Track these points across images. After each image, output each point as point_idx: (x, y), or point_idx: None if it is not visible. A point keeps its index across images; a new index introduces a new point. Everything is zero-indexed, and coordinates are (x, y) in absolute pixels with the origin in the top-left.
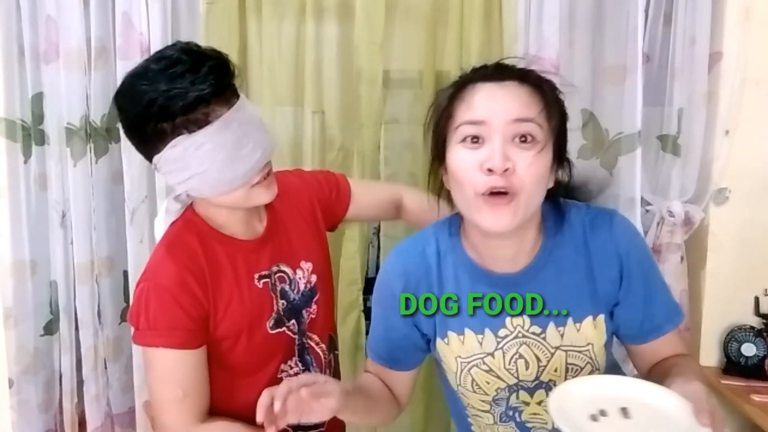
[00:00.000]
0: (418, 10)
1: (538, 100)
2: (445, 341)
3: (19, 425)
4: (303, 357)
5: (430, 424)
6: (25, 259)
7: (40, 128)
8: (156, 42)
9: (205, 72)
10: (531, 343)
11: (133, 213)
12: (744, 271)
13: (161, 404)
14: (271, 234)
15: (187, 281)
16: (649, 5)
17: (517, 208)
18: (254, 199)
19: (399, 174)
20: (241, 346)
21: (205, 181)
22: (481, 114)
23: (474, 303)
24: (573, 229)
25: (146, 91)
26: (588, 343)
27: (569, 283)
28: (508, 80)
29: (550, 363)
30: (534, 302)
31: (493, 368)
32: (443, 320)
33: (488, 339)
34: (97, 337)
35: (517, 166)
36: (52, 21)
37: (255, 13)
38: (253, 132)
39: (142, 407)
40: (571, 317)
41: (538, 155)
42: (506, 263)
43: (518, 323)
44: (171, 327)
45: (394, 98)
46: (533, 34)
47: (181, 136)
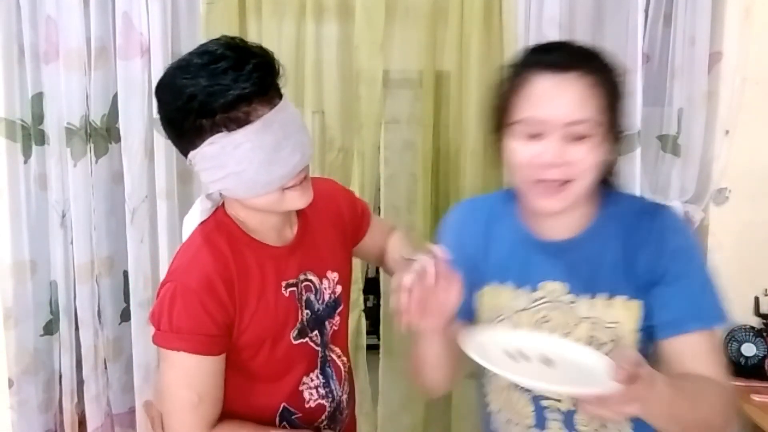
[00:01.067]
0: (418, 10)
1: (598, 94)
2: (482, 292)
3: (19, 425)
4: (324, 369)
5: (430, 424)
6: (25, 259)
7: (40, 128)
8: (156, 42)
9: (249, 70)
10: (561, 310)
11: (133, 213)
12: (744, 271)
13: (175, 408)
14: (300, 241)
15: (216, 285)
16: (649, 5)
17: (569, 193)
18: (288, 204)
19: (399, 174)
20: (262, 356)
21: (240, 181)
22: (538, 115)
23: (515, 261)
24: (622, 211)
25: (187, 85)
26: (616, 321)
27: (609, 260)
28: (570, 71)
29: (574, 332)
30: (573, 271)
31: (522, 324)
32: (484, 271)
33: (522, 297)
34: (97, 337)
35: (571, 162)
36: (52, 21)
37: (255, 13)
38: (292, 134)
39: (142, 407)
40: (605, 292)
41: (593, 148)
42: (554, 231)
43: (553, 288)
44: (194, 331)
45: (394, 98)
46: (533, 34)
47: (219, 134)
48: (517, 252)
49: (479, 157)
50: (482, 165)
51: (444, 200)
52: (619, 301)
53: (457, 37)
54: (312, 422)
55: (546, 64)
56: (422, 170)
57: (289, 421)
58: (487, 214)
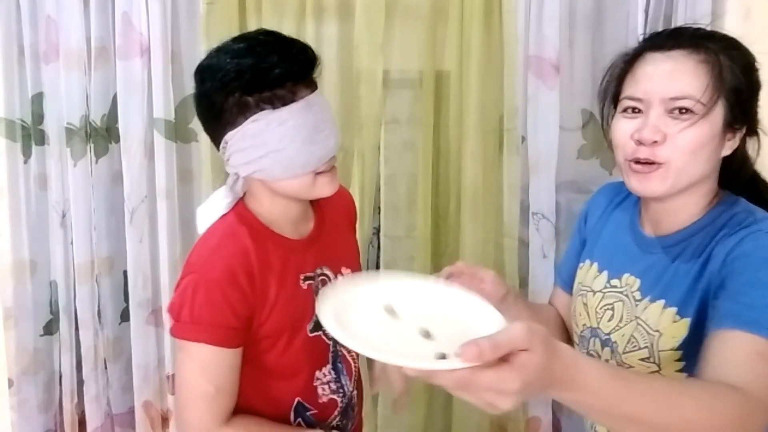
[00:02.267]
0: (418, 10)
1: (706, 72)
2: (581, 265)
3: (19, 425)
4: (335, 365)
5: (430, 424)
6: (25, 259)
7: (40, 128)
8: (156, 42)
9: (294, 52)
10: (625, 304)
11: (132, 213)
12: None
13: (190, 400)
14: (318, 235)
15: (238, 277)
16: (649, 5)
17: (666, 176)
18: (318, 189)
19: (399, 174)
20: (279, 347)
21: (279, 160)
22: (641, 91)
23: (612, 245)
24: (724, 222)
25: (234, 63)
26: (657, 330)
27: (682, 270)
28: (677, 49)
29: (624, 327)
30: (648, 270)
31: (588, 305)
32: (592, 247)
33: (601, 279)
34: (97, 337)
35: (668, 137)
36: (52, 21)
37: (255, 13)
38: (327, 120)
39: (141, 407)
40: (663, 300)
41: (693, 126)
42: (653, 225)
43: (630, 282)
44: (215, 323)
45: (394, 98)
46: (533, 34)
47: (264, 111)
48: (618, 237)
49: (479, 157)
50: (482, 165)
51: (444, 200)
52: (669, 313)
53: (457, 37)
54: (326, 418)
55: (655, 44)
56: (422, 170)
57: (303, 417)
58: (617, 197)
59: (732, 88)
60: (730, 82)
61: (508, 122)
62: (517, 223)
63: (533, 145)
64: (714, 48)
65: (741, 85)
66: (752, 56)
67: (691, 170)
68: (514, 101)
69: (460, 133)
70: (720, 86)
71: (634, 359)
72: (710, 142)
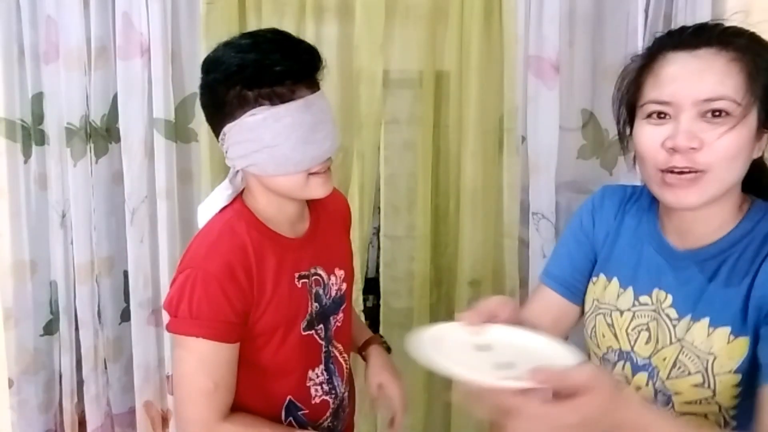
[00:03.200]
0: (418, 10)
1: (738, 70)
2: (594, 280)
3: (19, 425)
4: (328, 365)
5: (430, 424)
6: (25, 259)
7: (40, 128)
8: (156, 42)
9: (297, 52)
10: (661, 323)
11: (133, 213)
12: None
13: (190, 396)
14: (313, 235)
15: (236, 272)
16: (649, 5)
17: (705, 186)
18: (310, 190)
19: (399, 174)
20: (274, 344)
21: (273, 156)
22: (667, 94)
23: (632, 258)
24: (764, 233)
25: (238, 57)
26: (711, 353)
27: (725, 284)
28: (704, 47)
29: (664, 350)
30: (684, 286)
31: (615, 326)
32: (605, 260)
33: (626, 297)
34: (97, 337)
35: (705, 144)
36: (52, 21)
37: (255, 13)
38: (326, 121)
39: (142, 407)
40: (708, 318)
41: (732, 131)
42: (681, 237)
43: (661, 299)
44: (214, 318)
45: (394, 98)
46: (533, 34)
47: (262, 106)
48: (638, 249)
49: (479, 157)
50: (482, 165)
51: (444, 200)
52: (721, 333)
53: (457, 37)
54: (317, 419)
55: (678, 43)
56: (422, 170)
57: (295, 417)
58: (626, 203)
59: (765, 86)
60: (763, 80)
61: (508, 122)
62: (517, 223)
63: (533, 145)
64: (743, 45)
65: None
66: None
67: (729, 178)
68: (514, 101)
69: (460, 133)
70: (755, 85)
71: (684, 385)
72: (747, 145)
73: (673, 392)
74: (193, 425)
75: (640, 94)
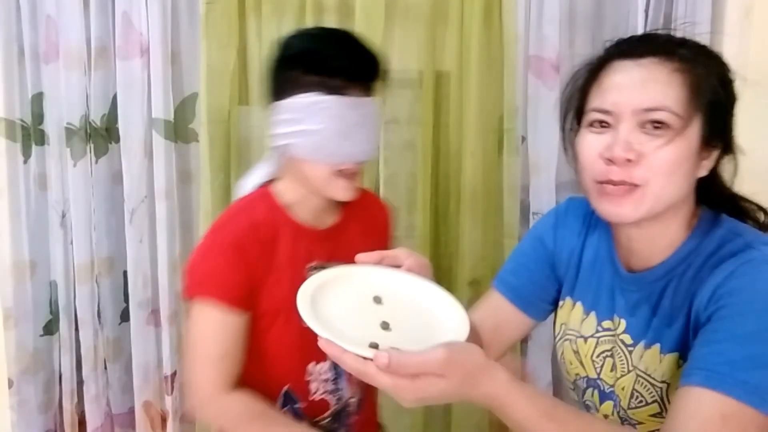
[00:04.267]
0: (418, 10)
1: (681, 81)
2: (561, 303)
3: (19, 425)
4: (337, 366)
5: (430, 424)
6: (24, 259)
7: (40, 128)
8: (156, 42)
9: (361, 53)
10: (619, 350)
11: (132, 213)
12: None
13: (198, 360)
14: (338, 232)
15: (246, 245)
16: (649, 5)
17: (641, 199)
18: (332, 188)
19: (399, 174)
20: (277, 328)
21: (311, 141)
22: (609, 102)
23: (593, 282)
24: (709, 249)
25: (304, 42)
26: (664, 381)
27: (671, 307)
28: (648, 57)
29: (622, 379)
30: (635, 310)
31: (581, 353)
32: (570, 283)
33: (590, 322)
34: (97, 337)
35: (642, 156)
36: (52, 21)
37: (255, 13)
38: (369, 129)
39: (141, 407)
40: (659, 344)
41: (671, 144)
42: (633, 257)
43: (617, 324)
44: (222, 284)
45: (394, 98)
46: (533, 34)
47: (314, 92)
48: (598, 272)
49: (479, 157)
50: (482, 165)
51: (444, 200)
52: (671, 359)
53: (457, 37)
54: (315, 416)
55: (623, 51)
56: (422, 170)
57: (292, 408)
58: (591, 218)
59: (710, 102)
60: (707, 94)
61: (508, 122)
62: (517, 223)
63: (533, 145)
64: (689, 56)
65: (719, 98)
66: (728, 67)
67: (668, 193)
68: (514, 101)
69: (460, 133)
70: (697, 98)
71: (643, 415)
72: (687, 161)
73: (636, 422)
74: (197, 390)
75: (586, 102)
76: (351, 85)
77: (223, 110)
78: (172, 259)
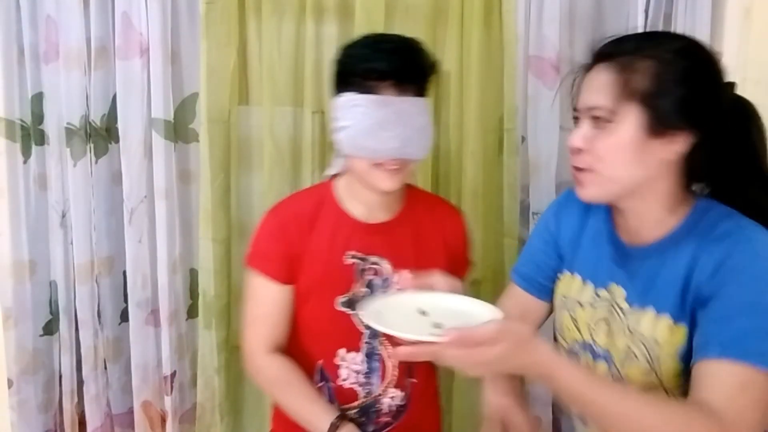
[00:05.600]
0: (418, 10)
1: (614, 81)
2: (560, 276)
3: (18, 425)
4: (371, 360)
5: None
6: (24, 259)
7: (40, 128)
8: (156, 42)
9: (396, 56)
10: (615, 315)
11: (131, 213)
12: None
13: (245, 322)
14: (387, 229)
15: (289, 223)
16: (649, 5)
17: (596, 181)
18: (372, 179)
19: None
20: (311, 306)
21: (346, 135)
22: (578, 103)
23: (593, 255)
24: (705, 228)
25: (357, 48)
26: (656, 341)
27: (668, 276)
28: (599, 63)
29: (618, 340)
30: (633, 279)
31: (578, 320)
32: (571, 259)
33: (587, 291)
34: (96, 337)
35: (592, 146)
36: (52, 21)
37: (255, 13)
38: (403, 127)
39: (140, 407)
40: (654, 306)
41: (610, 135)
42: (631, 234)
43: (615, 292)
44: (264, 255)
45: None
46: (533, 34)
47: (351, 92)
48: (597, 247)
49: (479, 157)
50: (482, 165)
51: None
52: (664, 321)
53: (457, 37)
54: (343, 402)
55: (593, 59)
56: (422, 170)
57: (326, 385)
58: (590, 207)
59: (650, 94)
60: (645, 88)
61: (508, 122)
62: (517, 223)
63: (533, 145)
64: (623, 57)
65: (663, 90)
66: (691, 62)
67: (621, 173)
68: (514, 101)
69: (460, 133)
70: (627, 92)
71: (634, 371)
72: (630, 146)
73: (626, 379)
74: (245, 347)
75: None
76: (384, 84)
77: (223, 110)
78: (172, 259)
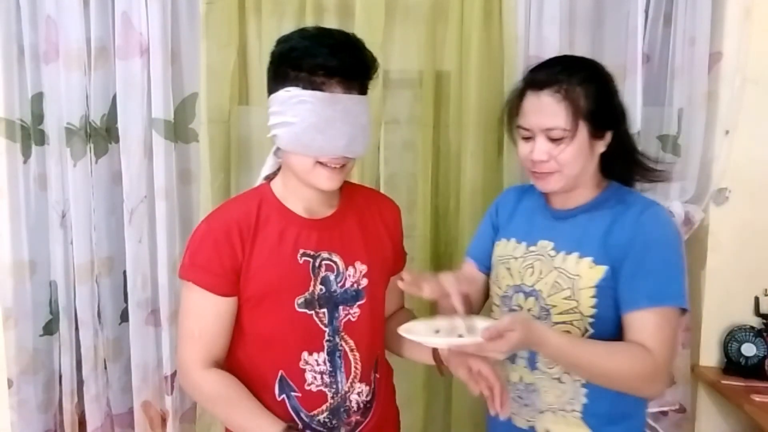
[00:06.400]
0: (418, 10)
1: (566, 106)
2: (497, 243)
3: (18, 425)
4: (333, 357)
5: (430, 424)
6: (24, 259)
7: (40, 128)
8: (156, 42)
9: (343, 53)
10: (542, 261)
11: (131, 213)
12: (744, 271)
13: (180, 337)
14: (333, 223)
15: (231, 231)
16: (649, 5)
17: (557, 179)
18: (314, 178)
19: (399, 174)
20: (263, 311)
21: (289, 132)
22: (527, 123)
23: (526, 222)
24: (618, 199)
25: (297, 41)
26: (577, 274)
27: (592, 231)
28: (545, 89)
29: (546, 277)
30: (562, 234)
31: (512, 269)
32: (506, 229)
33: (520, 248)
34: (97, 337)
35: (552, 156)
36: (52, 21)
37: (255, 13)
38: (350, 126)
39: (140, 407)
40: (578, 252)
41: (568, 147)
42: (560, 203)
43: (545, 245)
44: (204, 267)
45: (394, 98)
46: (533, 34)
47: (296, 87)
48: (530, 216)
49: (479, 157)
50: (482, 165)
51: (444, 200)
52: (586, 261)
53: (457, 37)
54: (311, 409)
55: (532, 82)
56: (422, 170)
57: (288, 396)
58: (522, 192)
59: (590, 112)
60: (586, 108)
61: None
62: None
63: None
64: (569, 82)
65: (596, 107)
66: (603, 81)
67: (576, 171)
68: None
69: (459, 133)
70: (577, 114)
71: (558, 299)
72: (583, 150)
73: (551, 306)
74: (181, 364)
75: (516, 118)
76: (331, 81)
77: (223, 110)
78: (172, 259)
